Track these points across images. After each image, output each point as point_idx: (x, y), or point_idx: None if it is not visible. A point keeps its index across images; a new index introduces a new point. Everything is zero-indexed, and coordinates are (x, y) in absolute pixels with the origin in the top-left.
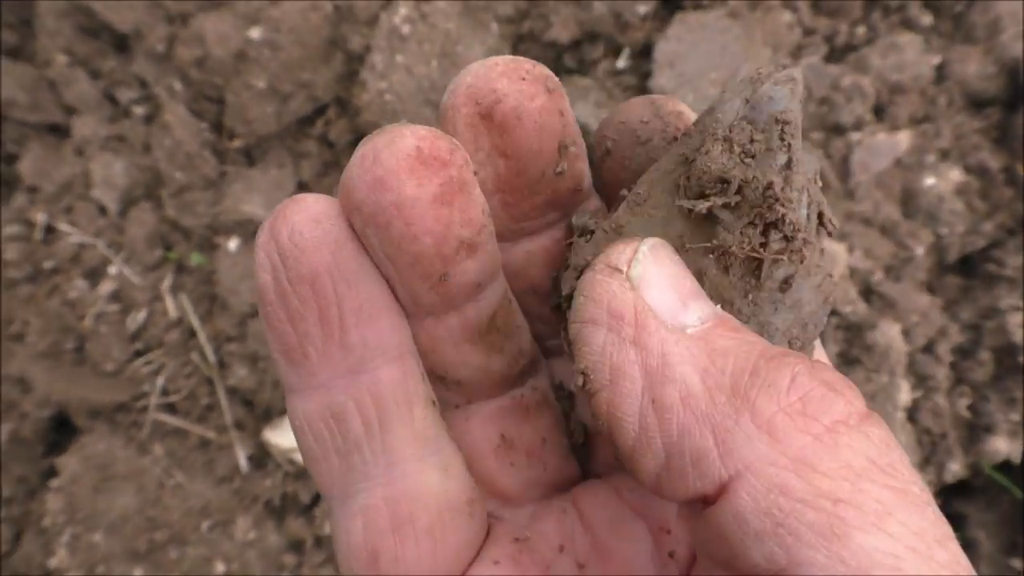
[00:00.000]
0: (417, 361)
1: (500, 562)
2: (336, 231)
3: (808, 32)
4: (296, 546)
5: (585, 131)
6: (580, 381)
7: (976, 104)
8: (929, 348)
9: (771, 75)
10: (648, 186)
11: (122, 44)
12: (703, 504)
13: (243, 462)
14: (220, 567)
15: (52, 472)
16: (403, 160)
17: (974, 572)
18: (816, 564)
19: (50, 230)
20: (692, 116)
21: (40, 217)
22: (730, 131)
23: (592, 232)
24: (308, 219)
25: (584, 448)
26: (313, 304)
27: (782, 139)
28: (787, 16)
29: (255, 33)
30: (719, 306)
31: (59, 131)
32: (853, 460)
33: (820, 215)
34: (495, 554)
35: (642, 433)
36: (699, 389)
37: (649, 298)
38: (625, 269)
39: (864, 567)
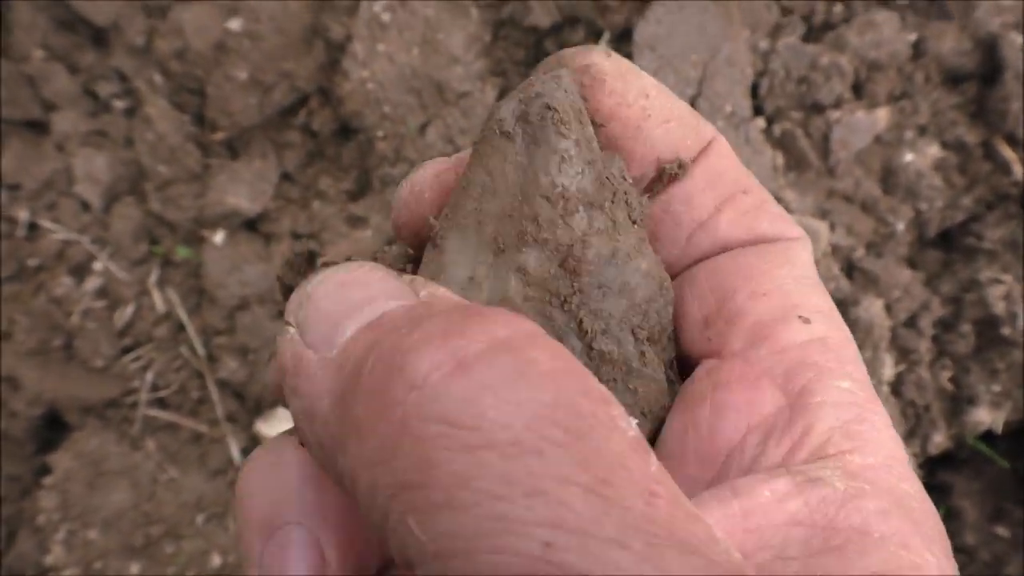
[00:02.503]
0: None
1: None
2: None
3: (785, 12)
4: None
5: None
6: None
7: (953, 80)
8: (912, 322)
9: (540, 77)
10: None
11: (100, 38)
12: None
13: (236, 454)
14: (217, 559)
15: (45, 470)
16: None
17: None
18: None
19: (33, 227)
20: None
21: (23, 214)
22: (506, 129)
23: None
24: None
25: None
26: None
27: (555, 125)
28: None
29: (235, 24)
30: (548, 298)
31: (39, 127)
32: (386, 429)
33: (627, 203)
34: None
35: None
36: (329, 416)
37: (308, 339)
38: (292, 319)
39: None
